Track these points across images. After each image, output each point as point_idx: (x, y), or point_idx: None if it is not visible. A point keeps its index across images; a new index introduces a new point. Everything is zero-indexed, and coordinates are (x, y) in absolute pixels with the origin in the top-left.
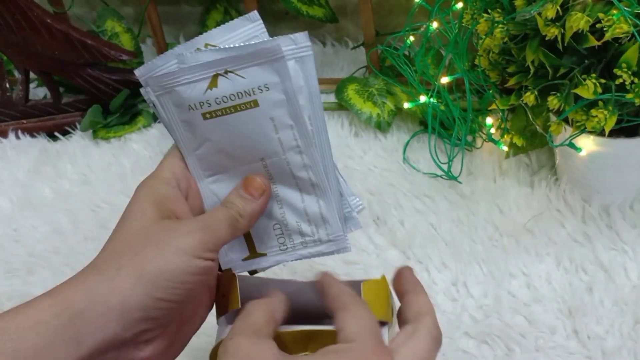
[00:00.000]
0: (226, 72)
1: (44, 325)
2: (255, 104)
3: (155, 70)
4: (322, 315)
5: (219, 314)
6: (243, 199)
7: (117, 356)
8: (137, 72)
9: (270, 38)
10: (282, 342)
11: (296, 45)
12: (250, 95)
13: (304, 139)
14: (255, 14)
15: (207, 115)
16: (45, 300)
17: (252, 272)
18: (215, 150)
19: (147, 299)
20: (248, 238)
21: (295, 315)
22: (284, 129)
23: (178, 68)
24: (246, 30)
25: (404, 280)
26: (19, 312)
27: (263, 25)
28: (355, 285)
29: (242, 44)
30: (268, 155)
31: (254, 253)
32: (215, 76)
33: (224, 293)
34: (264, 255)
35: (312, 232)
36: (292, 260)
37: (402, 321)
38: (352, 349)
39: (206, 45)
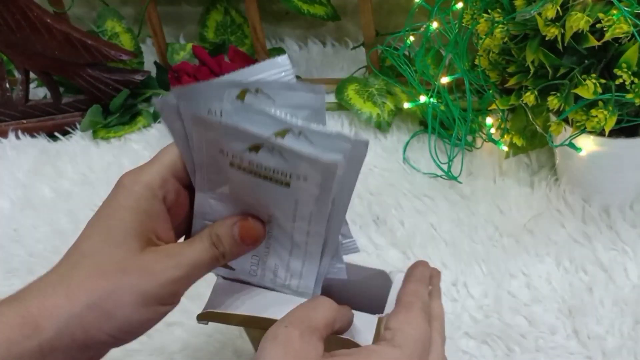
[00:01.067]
0: (272, 147)
1: (16, 345)
2: (287, 185)
3: (197, 101)
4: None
5: None
6: (234, 243)
7: None
8: (173, 93)
9: (331, 131)
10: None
11: (352, 146)
12: (285, 177)
13: (319, 218)
14: (285, 59)
15: (236, 166)
16: (15, 317)
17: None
18: (229, 187)
19: (108, 337)
20: None
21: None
22: (304, 207)
23: (225, 117)
24: (275, 74)
25: (413, 270)
26: None
27: (293, 73)
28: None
29: (300, 123)
30: (277, 217)
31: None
32: (260, 145)
33: None
34: (232, 269)
35: (284, 278)
36: (254, 286)
37: (397, 302)
38: (392, 356)
39: (257, 90)
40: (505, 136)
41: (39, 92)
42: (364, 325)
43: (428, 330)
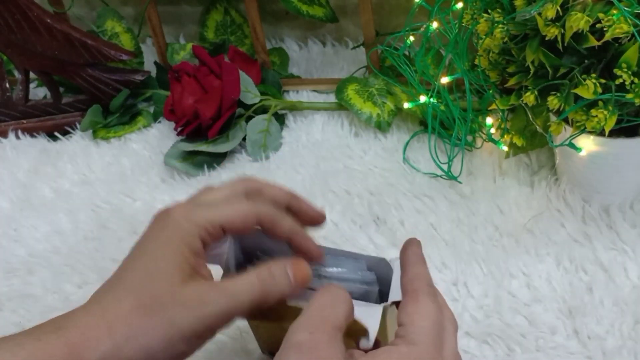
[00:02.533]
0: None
1: None
2: None
3: None
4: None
5: None
6: (286, 281)
7: None
8: None
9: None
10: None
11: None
12: None
13: None
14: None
15: None
16: (61, 347)
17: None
18: None
19: None
20: None
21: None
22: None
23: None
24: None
25: (406, 254)
26: (34, 349)
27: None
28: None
29: None
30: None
31: None
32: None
33: None
34: None
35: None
36: None
37: (403, 293)
38: (410, 355)
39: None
40: (505, 136)
41: (39, 92)
42: (369, 314)
43: (439, 313)
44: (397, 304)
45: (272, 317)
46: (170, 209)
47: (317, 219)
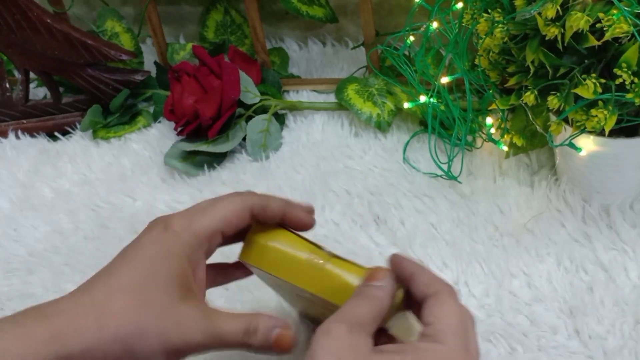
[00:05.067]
0: None
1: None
2: None
3: None
4: None
5: None
6: (266, 344)
7: None
8: None
9: None
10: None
11: None
12: None
13: None
14: None
15: None
16: (43, 332)
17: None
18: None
19: None
20: None
21: None
22: None
23: None
24: None
25: (406, 263)
26: (16, 335)
27: None
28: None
29: None
30: None
31: None
32: None
33: None
34: None
35: None
36: None
37: (420, 298)
38: (440, 352)
39: None
40: (505, 136)
41: (39, 92)
42: None
43: (464, 311)
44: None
45: None
46: (169, 218)
47: (307, 225)
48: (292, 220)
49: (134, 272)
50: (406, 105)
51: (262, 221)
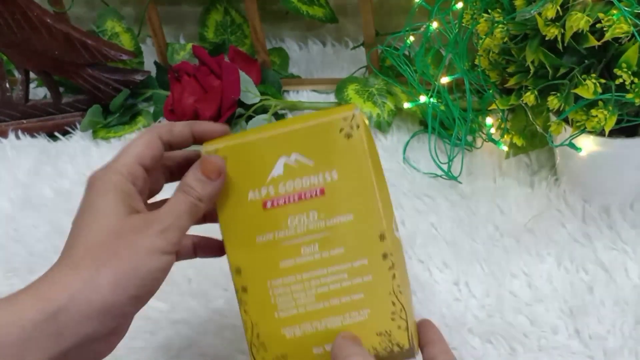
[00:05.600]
0: None
1: (29, 320)
2: None
3: None
4: None
5: None
6: (201, 182)
7: (92, 348)
8: None
9: None
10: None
11: None
12: None
13: None
14: None
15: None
16: (27, 299)
17: None
18: None
19: (124, 298)
20: None
21: None
22: None
23: None
24: None
25: (428, 330)
26: (1, 307)
27: None
28: None
29: None
30: None
31: None
32: None
33: None
34: None
35: None
36: None
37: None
38: None
39: None
40: (505, 136)
41: (39, 92)
42: None
43: (450, 351)
44: None
45: None
46: (92, 176)
47: (219, 131)
48: (204, 133)
49: (83, 226)
50: (406, 105)
51: (173, 144)
